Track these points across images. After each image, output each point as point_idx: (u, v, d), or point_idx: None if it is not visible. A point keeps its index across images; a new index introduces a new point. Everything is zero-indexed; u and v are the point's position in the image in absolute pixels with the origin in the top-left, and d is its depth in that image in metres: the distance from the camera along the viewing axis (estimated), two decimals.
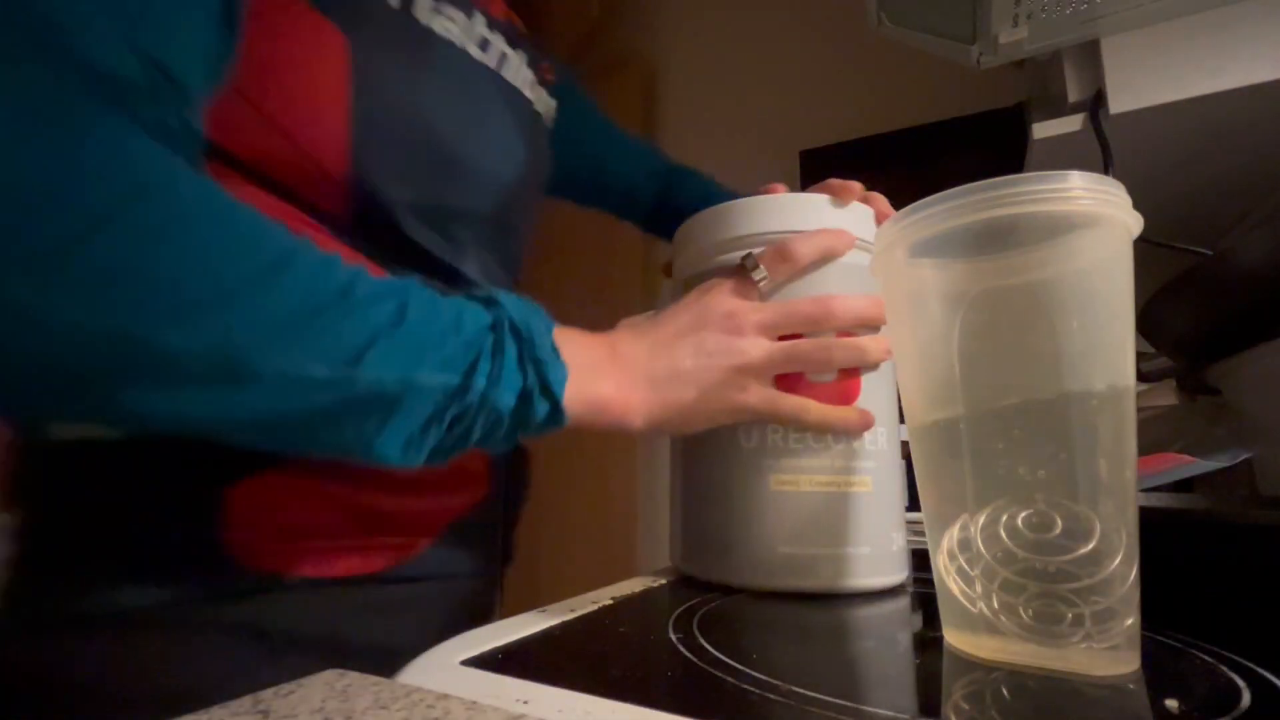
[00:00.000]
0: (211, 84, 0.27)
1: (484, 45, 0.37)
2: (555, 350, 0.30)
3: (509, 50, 0.40)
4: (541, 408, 0.30)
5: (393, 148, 0.33)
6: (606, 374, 0.33)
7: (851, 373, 0.37)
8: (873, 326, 0.37)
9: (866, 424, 0.36)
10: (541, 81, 0.45)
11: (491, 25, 0.38)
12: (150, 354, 0.22)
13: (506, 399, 0.28)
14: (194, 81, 0.26)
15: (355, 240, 0.34)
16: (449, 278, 0.38)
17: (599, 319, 0.39)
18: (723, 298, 0.37)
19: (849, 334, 0.37)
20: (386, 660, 0.23)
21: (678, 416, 0.35)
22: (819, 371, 0.37)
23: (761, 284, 0.37)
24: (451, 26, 0.36)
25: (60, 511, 0.31)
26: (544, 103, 0.46)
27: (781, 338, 0.37)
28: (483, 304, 0.30)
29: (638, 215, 0.68)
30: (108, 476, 0.30)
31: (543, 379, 0.29)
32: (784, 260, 0.37)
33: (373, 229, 0.34)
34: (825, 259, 0.38)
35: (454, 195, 0.37)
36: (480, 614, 0.43)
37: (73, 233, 0.20)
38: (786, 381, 0.37)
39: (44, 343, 0.21)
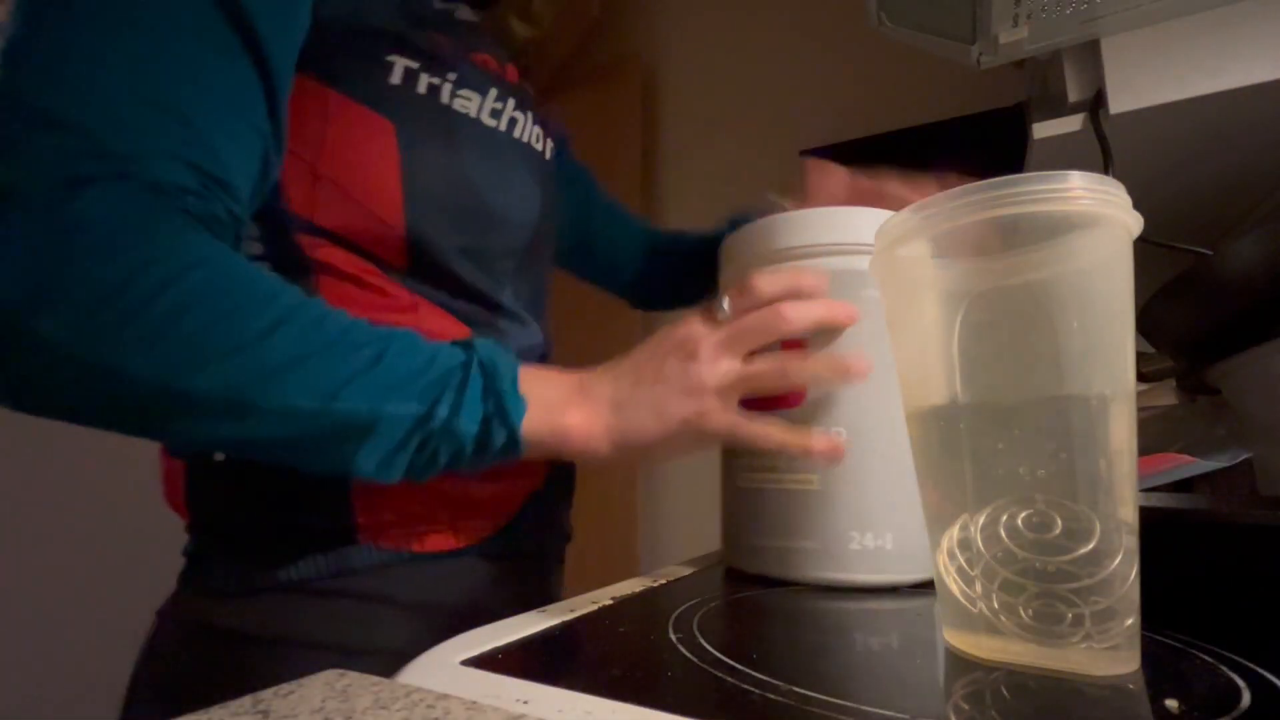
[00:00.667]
0: (266, 171, 0.34)
1: (495, 114, 0.44)
2: (515, 385, 0.35)
3: (518, 114, 0.46)
4: (499, 435, 0.34)
5: (436, 204, 0.40)
6: (572, 406, 0.37)
7: None
8: (837, 330, 0.37)
9: (833, 453, 0.36)
10: (547, 132, 0.52)
11: (502, 95, 0.45)
12: (181, 396, 0.28)
13: (468, 427, 0.33)
14: (239, 180, 0.32)
15: (412, 283, 0.40)
16: (491, 307, 0.44)
17: (602, 347, 0.39)
18: (684, 327, 0.39)
19: (798, 343, 0.38)
20: (473, 623, 0.29)
21: (639, 442, 0.37)
22: (777, 390, 0.38)
23: (724, 321, 0.38)
24: (468, 104, 0.42)
25: (229, 515, 0.39)
26: (549, 149, 0.53)
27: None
28: (460, 348, 0.35)
29: (620, 284, 0.70)
30: (263, 484, 0.37)
31: (501, 409, 0.34)
32: (744, 296, 0.38)
33: (427, 273, 0.41)
34: (790, 296, 0.38)
35: (489, 238, 0.43)
36: (546, 585, 0.50)
37: (138, 301, 0.27)
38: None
39: (112, 390, 0.28)
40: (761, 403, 0.39)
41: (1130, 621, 0.22)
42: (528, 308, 0.48)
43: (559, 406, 0.36)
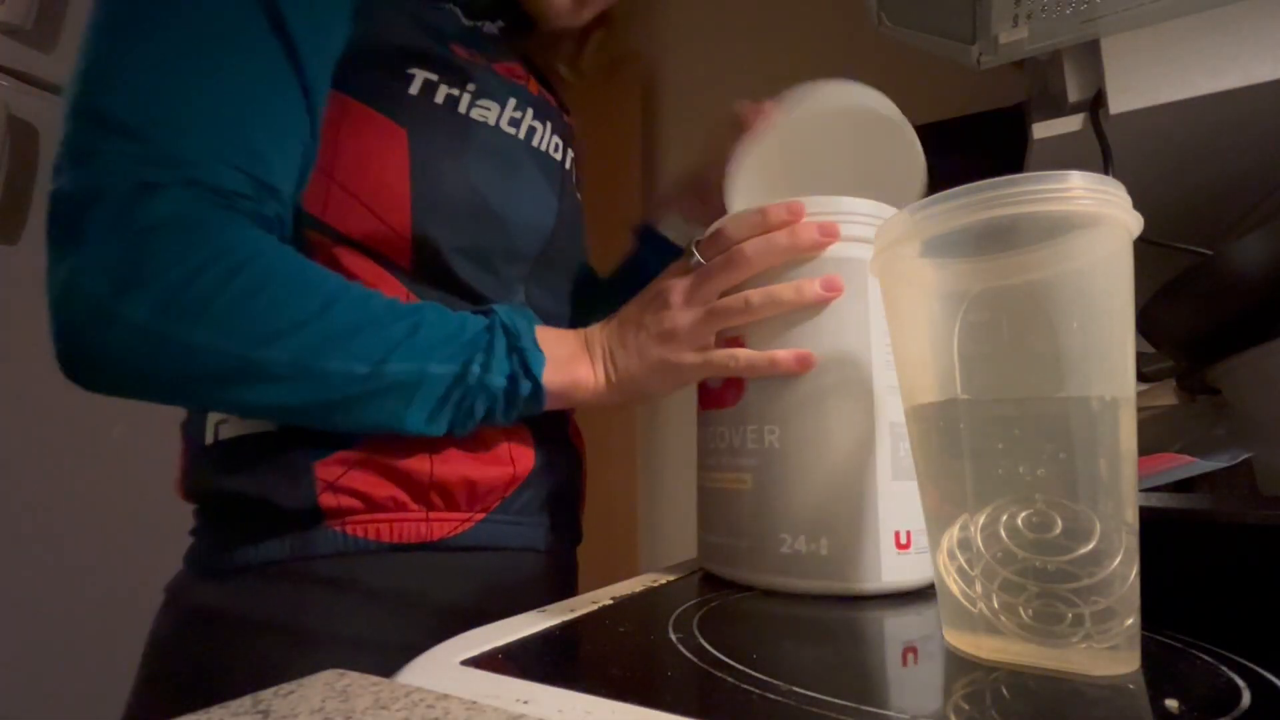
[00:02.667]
0: (304, 179, 0.38)
1: (514, 123, 0.46)
2: (535, 342, 0.40)
3: (536, 123, 0.48)
4: (525, 386, 0.39)
5: (442, 207, 0.42)
6: (579, 359, 0.42)
7: (734, 380, 0.39)
8: (807, 257, 0.38)
9: (804, 363, 0.36)
10: (569, 142, 0.54)
11: (522, 105, 0.47)
12: (253, 365, 0.32)
13: (498, 381, 0.38)
14: (287, 186, 0.36)
15: (416, 285, 0.42)
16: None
17: None
18: (660, 281, 0.43)
19: (736, 340, 0.39)
20: (452, 619, 0.30)
21: (633, 385, 0.42)
22: (743, 323, 0.39)
23: (697, 267, 0.41)
24: (487, 113, 0.44)
25: (213, 494, 0.41)
26: (570, 160, 0.53)
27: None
28: (483, 314, 0.40)
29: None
30: (239, 464, 0.39)
31: (525, 364, 0.39)
32: (714, 242, 0.40)
33: (430, 275, 0.42)
34: (758, 235, 0.38)
35: (496, 240, 0.45)
36: (544, 586, 0.48)
37: (212, 286, 0.31)
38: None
39: (192, 362, 0.32)
40: (699, 400, 0.42)
41: (1130, 621, 0.22)
42: (546, 318, 0.47)
43: (570, 360, 0.42)
